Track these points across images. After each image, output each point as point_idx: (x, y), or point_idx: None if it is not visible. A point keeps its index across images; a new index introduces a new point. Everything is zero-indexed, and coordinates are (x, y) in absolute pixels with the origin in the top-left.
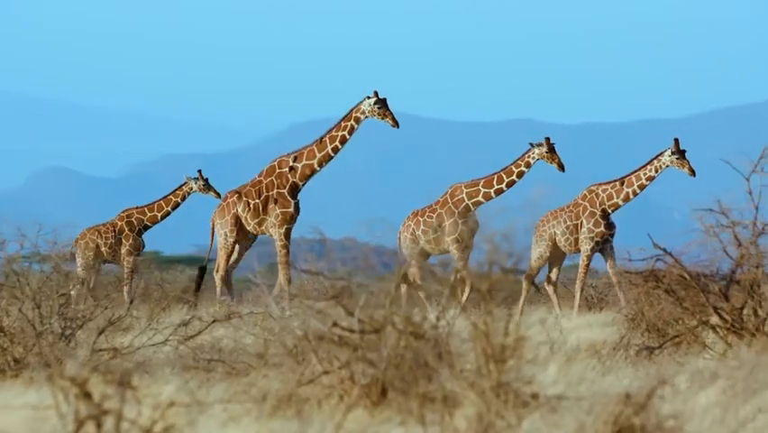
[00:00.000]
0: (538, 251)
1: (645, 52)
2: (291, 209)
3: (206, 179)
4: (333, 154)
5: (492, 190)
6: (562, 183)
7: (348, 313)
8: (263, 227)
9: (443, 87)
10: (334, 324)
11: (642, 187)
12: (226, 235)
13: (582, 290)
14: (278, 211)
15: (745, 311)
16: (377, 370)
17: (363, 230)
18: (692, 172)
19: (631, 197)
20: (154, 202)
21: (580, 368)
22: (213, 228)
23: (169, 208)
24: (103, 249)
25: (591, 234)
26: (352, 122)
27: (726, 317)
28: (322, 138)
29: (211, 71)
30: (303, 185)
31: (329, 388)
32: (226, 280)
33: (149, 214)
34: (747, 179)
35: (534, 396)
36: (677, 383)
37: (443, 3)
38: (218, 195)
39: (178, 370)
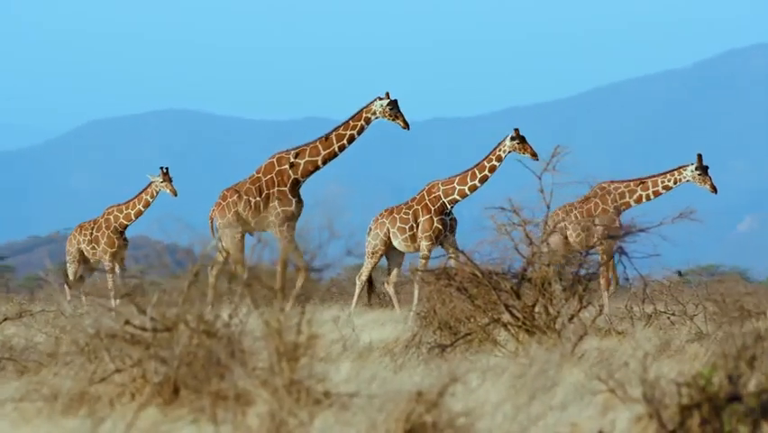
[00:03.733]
0: (552, 247)
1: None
2: (292, 207)
3: (168, 175)
4: (338, 152)
5: (467, 187)
6: (357, 182)
7: (140, 311)
8: (265, 225)
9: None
10: (127, 322)
11: (656, 194)
12: (233, 235)
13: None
14: (279, 210)
15: (536, 309)
16: (169, 368)
17: (156, 228)
18: (714, 190)
19: (643, 200)
20: (130, 200)
21: (372, 366)
22: (212, 224)
23: (141, 207)
24: (83, 246)
25: (606, 232)
26: (362, 122)
27: (518, 314)
28: (327, 135)
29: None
30: (304, 181)
31: (121, 386)
32: None
33: (125, 212)
34: (539, 178)
35: (327, 394)
36: (469, 381)
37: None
38: (174, 192)
39: None
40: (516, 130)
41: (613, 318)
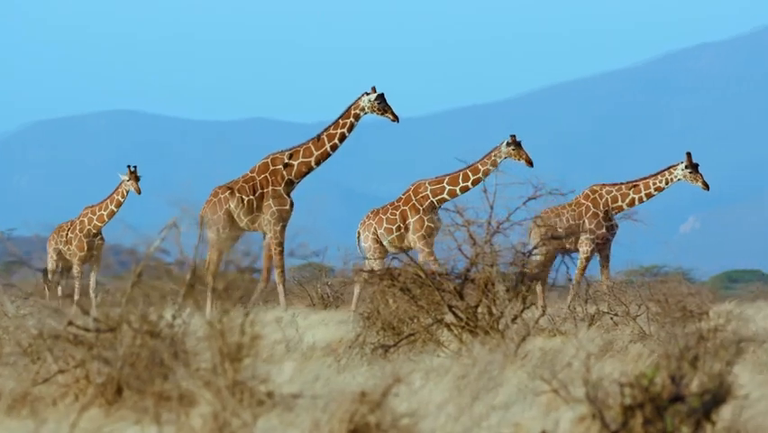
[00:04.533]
0: (545, 249)
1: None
2: (287, 206)
3: (135, 174)
4: (331, 152)
5: (458, 188)
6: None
7: (84, 312)
8: (256, 224)
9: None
10: (70, 322)
11: (649, 196)
12: (219, 232)
13: (577, 291)
14: (274, 208)
15: (479, 310)
16: (112, 369)
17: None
18: (706, 187)
19: (636, 203)
20: (103, 201)
21: (316, 366)
22: (201, 223)
23: (113, 207)
24: (61, 247)
25: (592, 236)
26: (352, 119)
27: (461, 315)
28: (319, 136)
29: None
30: (297, 182)
31: (64, 387)
32: None
33: (98, 213)
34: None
35: (270, 394)
36: (412, 381)
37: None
38: (138, 190)
39: None
40: (513, 136)
41: (556, 319)
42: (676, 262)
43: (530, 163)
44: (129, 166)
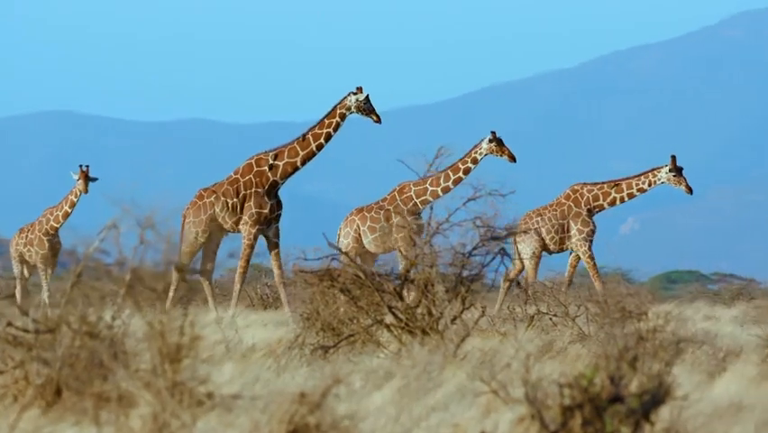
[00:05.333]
0: (530, 249)
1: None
2: (266, 210)
3: (85, 174)
4: (316, 151)
5: (440, 189)
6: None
7: (23, 312)
8: (240, 226)
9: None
10: (9, 323)
11: (631, 196)
12: (197, 235)
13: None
14: (252, 210)
15: (419, 310)
16: (51, 369)
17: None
18: (689, 190)
19: (617, 202)
20: (60, 202)
21: (255, 367)
22: (183, 222)
23: (67, 208)
24: (21, 248)
25: (583, 235)
26: (337, 118)
27: (401, 316)
28: (304, 135)
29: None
30: (283, 183)
31: (3, 388)
32: (209, 285)
33: (54, 214)
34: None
35: (210, 395)
36: (352, 382)
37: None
38: (85, 190)
39: None
40: (494, 132)
41: (495, 319)
42: (615, 263)
43: (513, 159)
44: (81, 165)
